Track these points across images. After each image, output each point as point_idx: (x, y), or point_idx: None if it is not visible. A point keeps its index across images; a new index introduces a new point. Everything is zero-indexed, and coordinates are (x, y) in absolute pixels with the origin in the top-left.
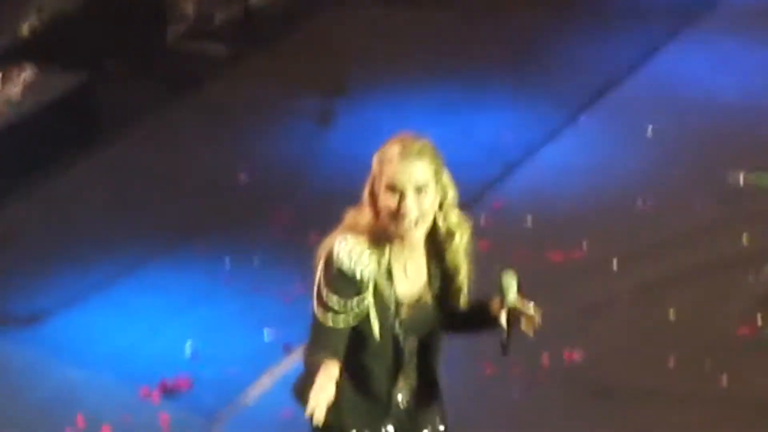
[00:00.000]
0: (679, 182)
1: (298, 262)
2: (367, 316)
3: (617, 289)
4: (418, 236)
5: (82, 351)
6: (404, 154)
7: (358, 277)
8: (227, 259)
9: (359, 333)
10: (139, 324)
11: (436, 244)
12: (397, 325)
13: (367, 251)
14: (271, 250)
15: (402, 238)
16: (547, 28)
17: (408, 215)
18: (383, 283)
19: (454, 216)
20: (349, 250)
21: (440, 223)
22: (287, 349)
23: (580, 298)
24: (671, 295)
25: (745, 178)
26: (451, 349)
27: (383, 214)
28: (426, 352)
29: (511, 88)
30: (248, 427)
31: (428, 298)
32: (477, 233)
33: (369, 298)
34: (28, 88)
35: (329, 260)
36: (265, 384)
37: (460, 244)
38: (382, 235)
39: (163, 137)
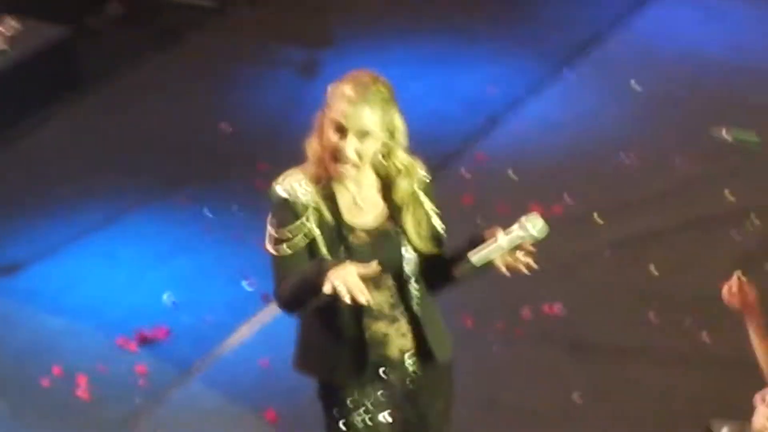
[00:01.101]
0: (663, 138)
1: None
2: (316, 244)
3: (598, 243)
4: (355, 176)
5: (59, 300)
6: (355, 97)
7: (295, 203)
8: (207, 210)
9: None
10: (117, 274)
11: (386, 180)
12: (350, 251)
13: (303, 180)
14: (252, 200)
15: (339, 174)
16: None
17: (345, 157)
18: (327, 208)
19: (400, 157)
20: (284, 181)
21: (386, 162)
22: (266, 299)
23: (560, 252)
24: (652, 250)
25: (726, 134)
26: None
27: (324, 147)
28: (409, 298)
29: (496, 41)
30: (226, 377)
31: (389, 228)
32: (459, 186)
33: (311, 223)
34: (10, 39)
35: (270, 196)
36: (243, 334)
37: (407, 184)
38: (324, 164)
39: (145, 88)
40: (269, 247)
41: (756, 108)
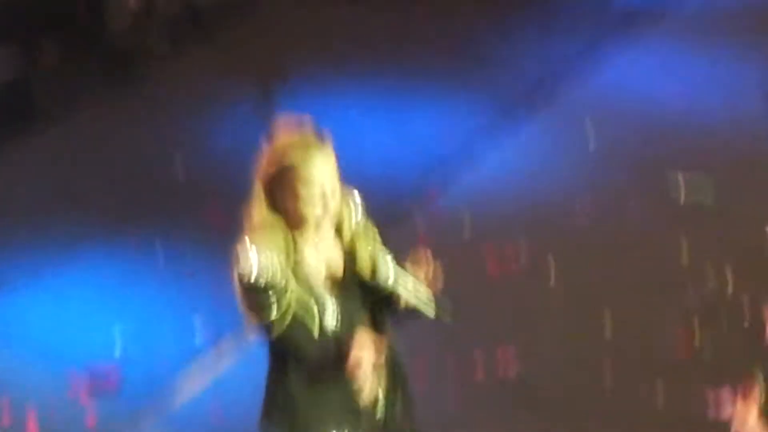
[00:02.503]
0: (618, 185)
1: (230, 251)
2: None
3: (552, 296)
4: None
5: (9, 335)
6: (311, 153)
7: (272, 284)
8: (160, 246)
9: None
10: (68, 309)
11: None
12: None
13: (268, 252)
14: (204, 237)
15: (316, 228)
16: (490, 28)
17: (327, 211)
18: (297, 275)
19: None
20: (250, 259)
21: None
22: (217, 338)
23: (514, 303)
24: (607, 300)
25: (683, 191)
26: None
27: (298, 209)
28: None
29: (452, 84)
30: (176, 415)
31: (348, 279)
32: (413, 231)
33: (289, 293)
34: None
35: (241, 282)
36: (194, 370)
37: (350, 225)
38: (286, 226)
39: (100, 125)
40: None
41: (710, 158)
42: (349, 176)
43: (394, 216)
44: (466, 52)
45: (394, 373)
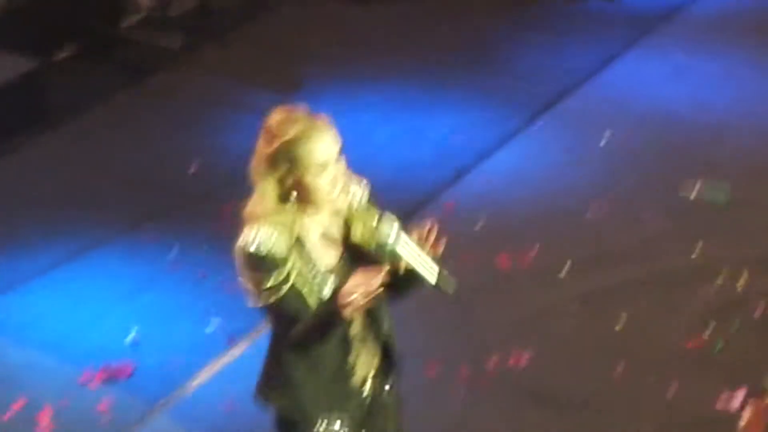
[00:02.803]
0: (631, 192)
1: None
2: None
3: (565, 296)
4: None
5: (23, 334)
6: (318, 131)
7: (273, 258)
8: (173, 248)
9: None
10: (83, 309)
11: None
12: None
13: (273, 232)
14: (218, 239)
15: (331, 207)
16: (505, 33)
17: (338, 186)
18: (300, 255)
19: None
20: (256, 237)
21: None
22: (231, 340)
23: (527, 304)
24: (619, 304)
25: (696, 190)
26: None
27: (312, 191)
28: (375, 323)
29: (466, 90)
30: (188, 417)
31: (347, 258)
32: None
33: (292, 273)
34: None
35: (243, 252)
36: (208, 373)
37: (351, 205)
38: (292, 211)
39: (113, 126)
40: (263, 298)
41: (723, 163)
42: (364, 178)
43: (408, 219)
44: (482, 57)
45: (387, 355)
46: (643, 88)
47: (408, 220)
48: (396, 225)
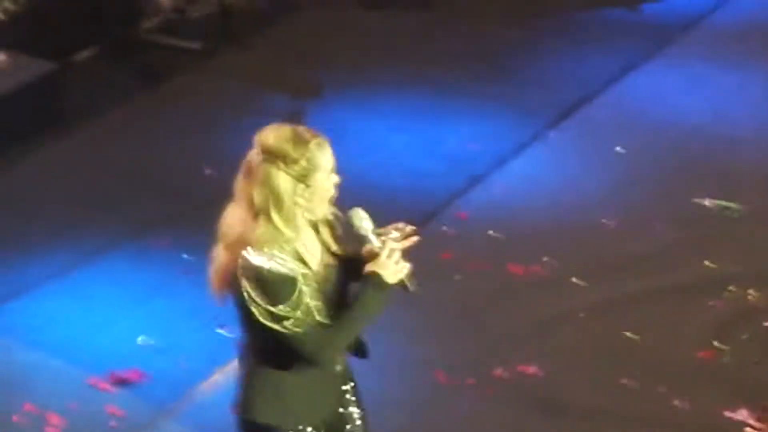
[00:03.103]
0: (644, 203)
1: None
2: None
3: (576, 306)
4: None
5: (34, 338)
6: (318, 142)
7: (283, 278)
8: (185, 253)
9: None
10: (93, 313)
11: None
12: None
13: (275, 250)
14: None
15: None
16: (521, 42)
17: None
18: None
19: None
20: (262, 256)
21: None
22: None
23: (538, 312)
24: (629, 314)
25: (708, 202)
26: (404, 356)
27: (317, 200)
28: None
29: (481, 99)
30: (197, 422)
31: (330, 262)
32: (440, 242)
33: (304, 293)
34: None
35: (253, 278)
36: (218, 378)
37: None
38: (286, 227)
39: (129, 129)
40: (274, 325)
41: (737, 175)
42: (377, 188)
43: (421, 228)
44: (499, 65)
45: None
46: (661, 98)
47: (422, 227)
48: (369, 221)
